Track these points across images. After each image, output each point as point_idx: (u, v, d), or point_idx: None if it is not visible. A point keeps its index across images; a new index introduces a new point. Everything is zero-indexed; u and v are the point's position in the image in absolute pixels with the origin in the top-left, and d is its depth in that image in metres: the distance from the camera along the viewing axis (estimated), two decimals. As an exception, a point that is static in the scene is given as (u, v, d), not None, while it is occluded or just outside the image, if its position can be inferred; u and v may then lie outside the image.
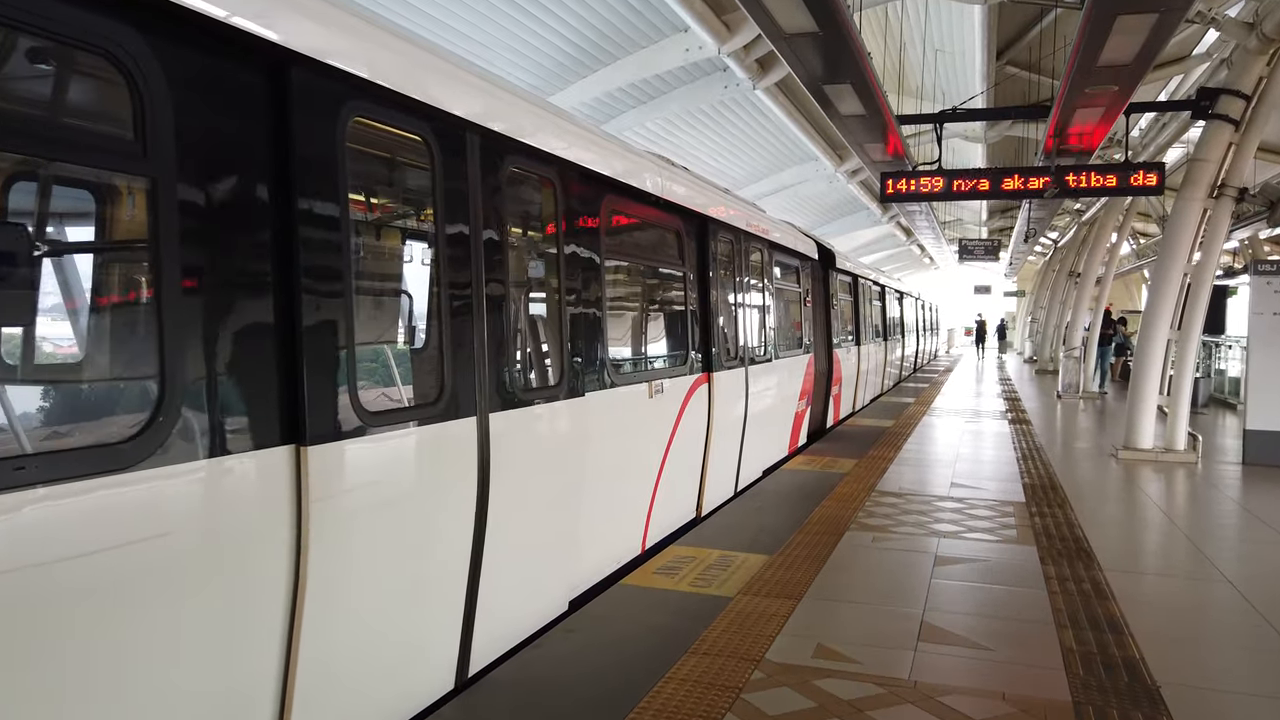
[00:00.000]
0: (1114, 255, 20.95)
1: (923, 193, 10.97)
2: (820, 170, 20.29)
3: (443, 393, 3.61)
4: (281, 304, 2.79)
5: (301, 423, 2.83)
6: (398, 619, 3.41)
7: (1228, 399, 17.44)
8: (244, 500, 2.68)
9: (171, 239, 2.41)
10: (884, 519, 6.99)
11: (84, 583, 2.20)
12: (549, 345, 4.79)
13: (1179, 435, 10.33)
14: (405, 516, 3.40)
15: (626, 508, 5.82)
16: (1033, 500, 7.82)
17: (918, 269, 52.27)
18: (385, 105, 3.32)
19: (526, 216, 4.73)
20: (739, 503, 7.64)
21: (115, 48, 2.29)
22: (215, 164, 2.58)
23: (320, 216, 2.93)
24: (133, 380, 2.70)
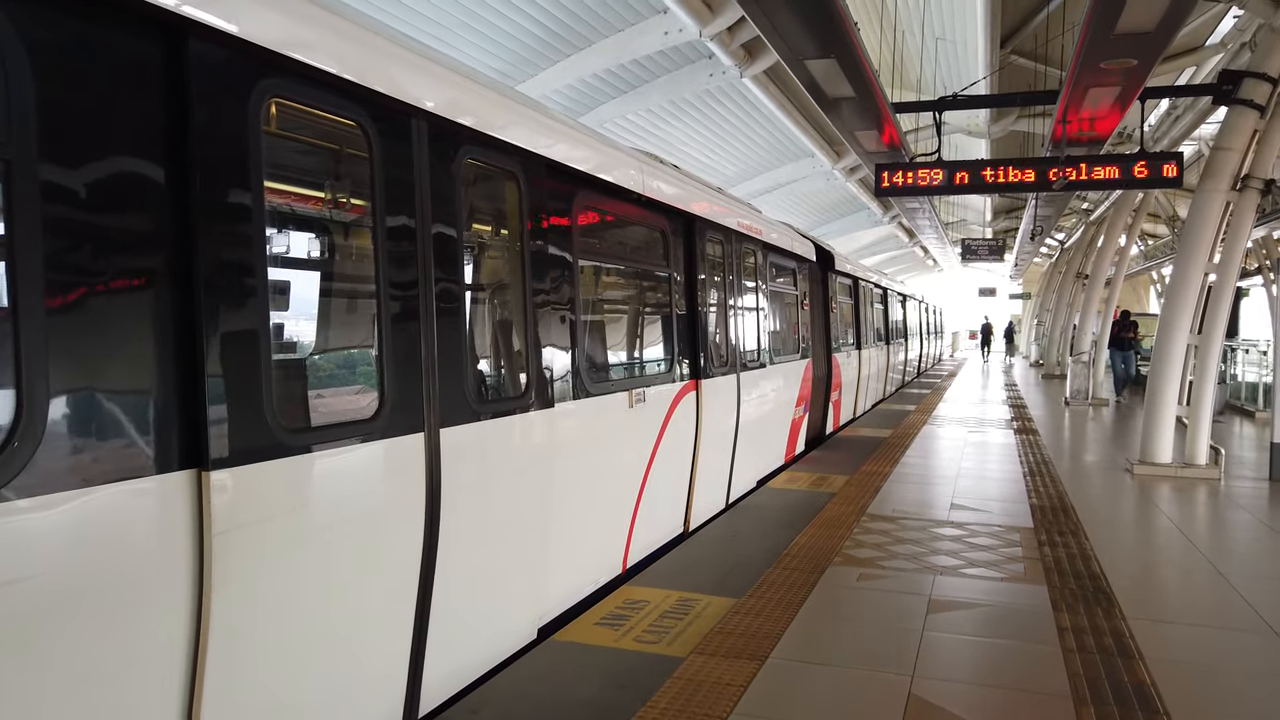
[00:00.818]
0: (1124, 256, 20.11)
1: (920, 185, 10.14)
2: (817, 167, 19.48)
3: (382, 406, 3.23)
4: (180, 306, 2.45)
5: (204, 443, 2.48)
6: (328, 664, 3.02)
7: (1245, 406, 16.60)
8: (133, 534, 2.31)
9: (32, 232, 2.09)
10: (873, 550, 6.16)
11: None
12: (513, 353, 4.43)
13: (1200, 449, 9.48)
14: (335, 547, 3.01)
15: (604, 526, 5.46)
16: (1042, 525, 6.99)
17: (921, 271, 51.40)
18: (312, 85, 2.96)
19: (485, 212, 4.39)
20: (713, 529, 6.82)
21: None
22: (91, 146, 2.24)
23: (228, 206, 2.60)
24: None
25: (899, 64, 15.24)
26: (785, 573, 5.57)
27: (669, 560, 5.87)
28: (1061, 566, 5.78)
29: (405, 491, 3.35)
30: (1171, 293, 9.65)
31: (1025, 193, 16.63)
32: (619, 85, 13.03)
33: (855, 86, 7.37)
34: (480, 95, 4.00)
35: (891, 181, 10.26)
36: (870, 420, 14.66)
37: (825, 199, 25.25)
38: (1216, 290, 9.39)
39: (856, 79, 7.20)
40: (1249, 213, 9.20)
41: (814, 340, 11.54)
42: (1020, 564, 5.84)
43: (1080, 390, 17.94)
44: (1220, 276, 9.37)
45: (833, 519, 7.10)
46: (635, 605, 4.92)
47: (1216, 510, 7.98)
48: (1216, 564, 5.99)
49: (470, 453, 3.73)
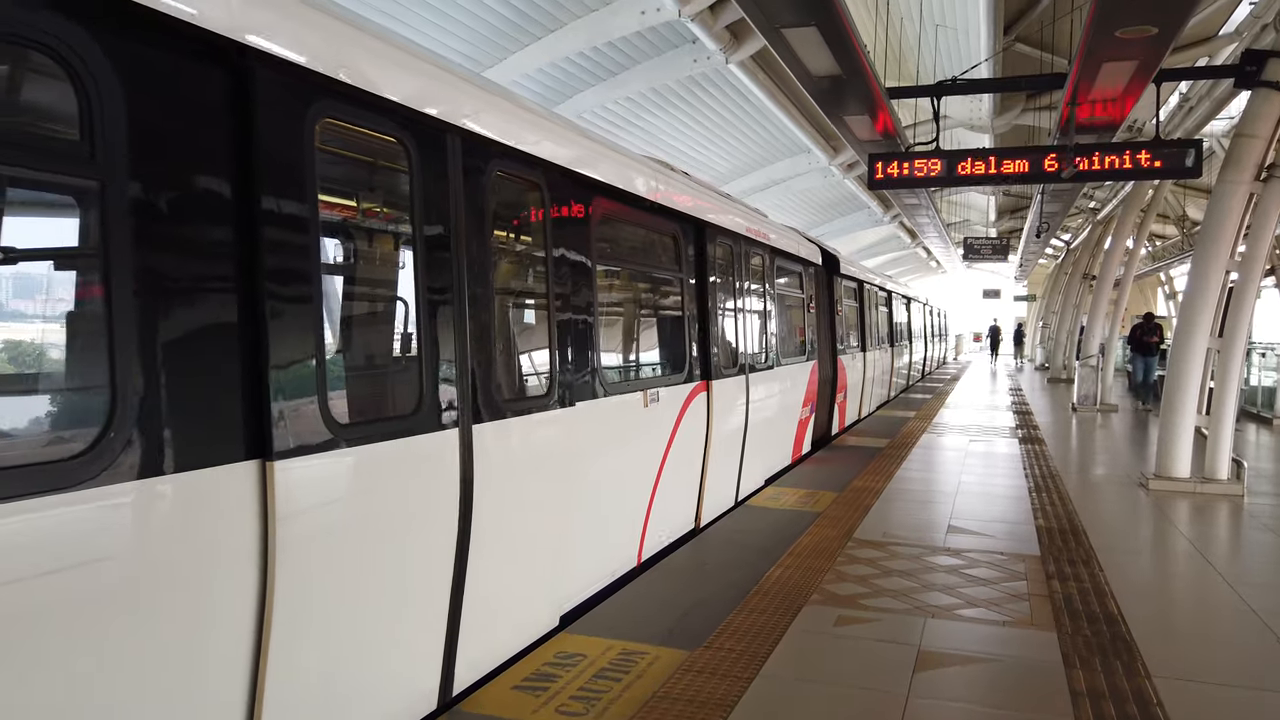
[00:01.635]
0: (1133, 257, 19.31)
1: (918, 177, 9.37)
2: (813, 163, 18.72)
3: (421, 404, 3.49)
4: (245, 309, 2.67)
5: (268, 436, 2.69)
6: (375, 641, 3.26)
7: (1260, 412, 15.80)
8: (204, 520, 2.51)
9: (123, 243, 2.31)
10: (857, 584, 5.40)
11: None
12: (536, 353, 4.71)
13: (1221, 462, 8.70)
14: (382, 534, 3.25)
15: (621, 520, 5.67)
16: (1050, 552, 6.21)
17: (924, 273, 50.60)
18: (352, 101, 3.16)
19: (511, 219, 4.63)
20: (678, 558, 6.06)
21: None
22: (170, 165, 2.48)
23: (287, 217, 2.83)
24: (81, 392, 2.55)
25: (898, 53, 14.49)
26: (752, 616, 4.80)
27: (618, 600, 5.11)
28: (1074, 606, 5.01)
29: (443, 482, 3.59)
30: (1190, 293, 8.88)
31: (1032, 184, 15.84)
32: (597, 72, 12.27)
33: (841, 61, 6.60)
34: (506, 111, 4.23)
35: (886, 173, 9.50)
36: (867, 428, 13.88)
37: (823, 197, 24.48)
38: (1239, 290, 8.62)
39: (842, 51, 6.44)
40: (1275, 205, 8.42)
41: (819, 342, 11.58)
42: (1025, 602, 5.07)
43: (1088, 395, 17.12)
44: (1243, 275, 8.60)
45: (815, 546, 6.34)
46: (568, 660, 4.15)
47: (1242, 533, 7.20)
48: (1250, 602, 5.21)
49: (498, 448, 3.97)
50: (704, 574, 5.65)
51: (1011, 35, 13.67)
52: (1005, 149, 9.18)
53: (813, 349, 11.01)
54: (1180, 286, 38.68)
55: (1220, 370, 8.72)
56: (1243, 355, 8.77)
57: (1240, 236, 8.62)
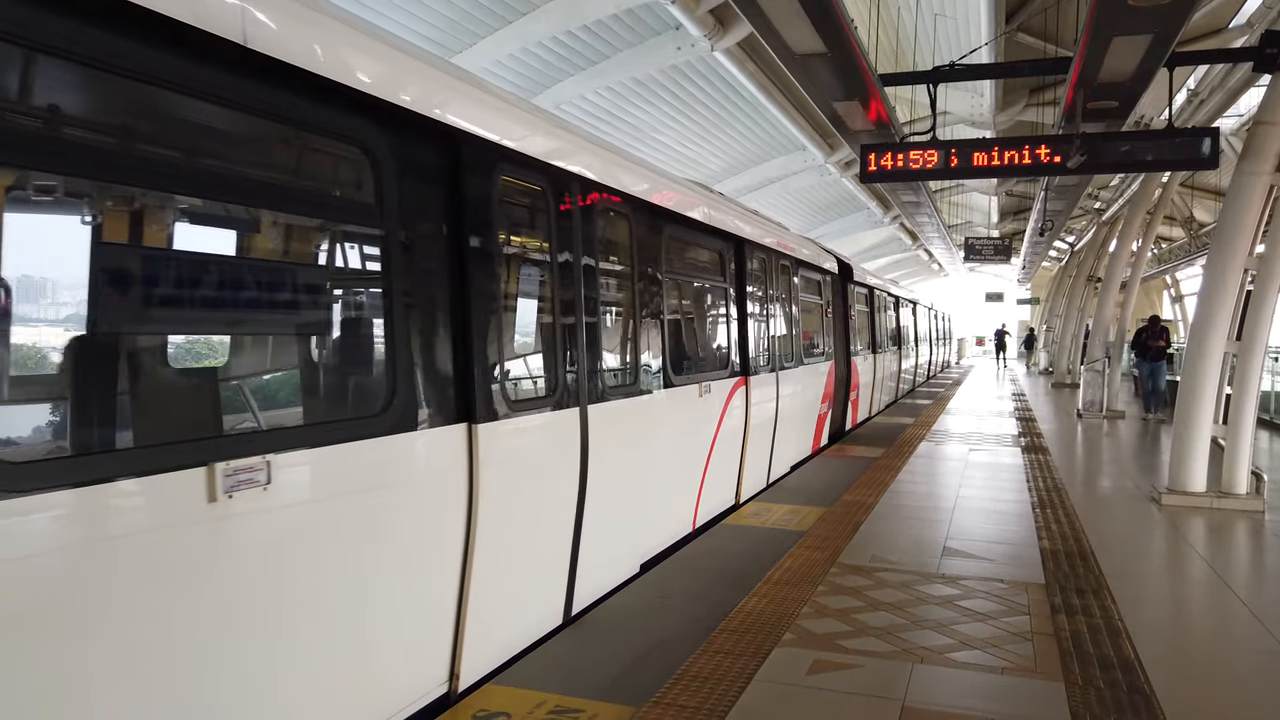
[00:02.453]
0: (1140, 258, 18.68)
1: (913, 169, 8.75)
2: (809, 160, 18.10)
3: (553, 389, 4.70)
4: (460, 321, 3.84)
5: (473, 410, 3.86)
6: (531, 563, 4.51)
7: (1275, 419, 15.16)
8: (445, 456, 3.72)
9: (397, 273, 3.53)
10: (838, 620, 4.78)
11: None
12: (627, 353, 5.94)
13: (1240, 475, 8.07)
14: (538, 470, 4.51)
15: (683, 489, 6.73)
16: (1056, 579, 5.59)
17: (926, 276, 49.93)
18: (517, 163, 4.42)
19: (607, 246, 5.61)
20: (637, 589, 5.43)
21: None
22: (421, 217, 3.68)
23: (484, 251, 4.04)
24: (383, 373, 3.54)
25: (894, 44, 13.89)
26: (714, 660, 4.18)
27: (560, 642, 4.48)
28: (1083, 647, 4.39)
29: (568, 446, 4.74)
30: (1205, 293, 8.25)
31: (1035, 176, 15.21)
32: (575, 60, 11.65)
33: (825, 37, 5.98)
34: (615, 161, 5.60)
35: (879, 165, 8.88)
36: (865, 435, 13.24)
37: (821, 197, 23.86)
38: (1259, 290, 7.99)
39: (826, 26, 5.83)
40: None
41: (836, 344, 12.51)
42: (1028, 643, 4.45)
43: (1094, 401, 16.49)
44: (1263, 273, 7.96)
45: (795, 572, 5.71)
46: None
47: (1266, 556, 6.58)
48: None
49: (604, 423, 5.08)
50: (665, 608, 5.02)
51: (1014, 24, 13.04)
52: (1005, 138, 8.58)
53: (830, 350, 12.04)
54: (1187, 290, 38.04)
55: (1239, 376, 8.09)
56: (1263, 361, 8.14)
57: (1260, 232, 8.00)
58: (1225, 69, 13.36)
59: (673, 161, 17.43)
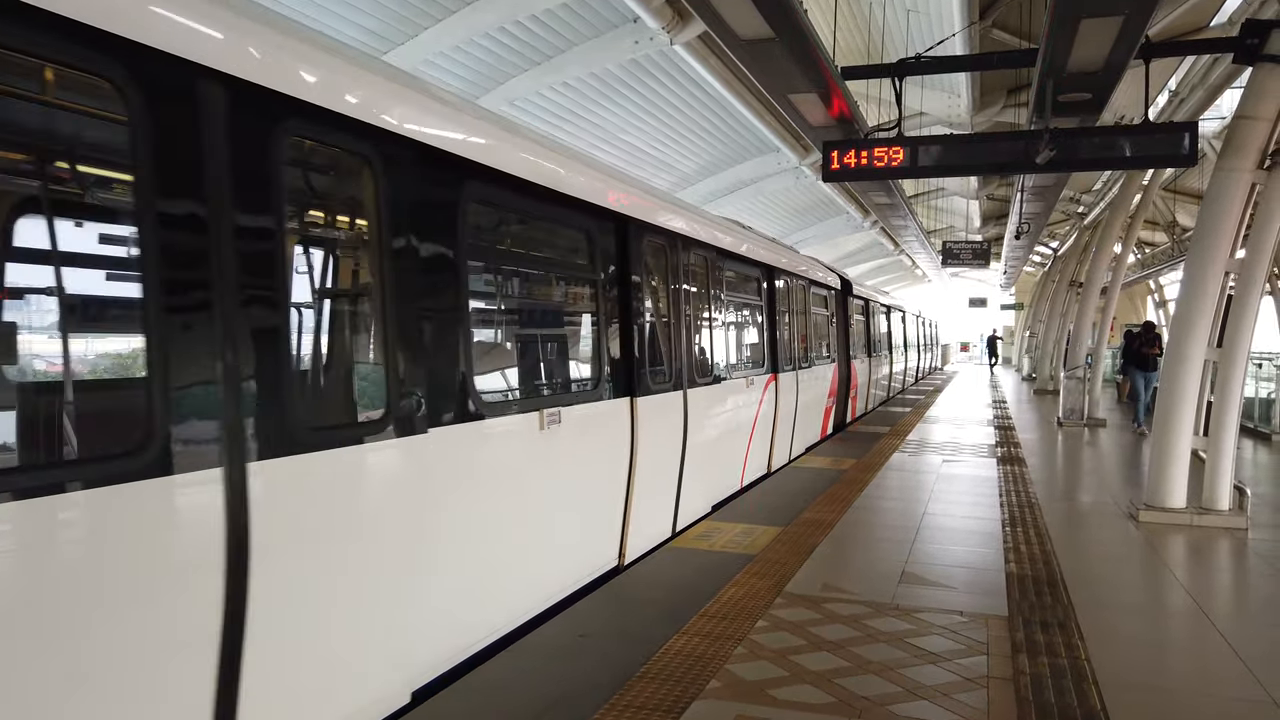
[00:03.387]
0: (1121, 263, 18.29)
1: (877, 167, 8.27)
2: (783, 162, 17.64)
3: (670, 376, 6.93)
4: (629, 331, 6.37)
5: (634, 388, 6.14)
6: (663, 487, 6.95)
7: (1258, 427, 14.75)
8: (620, 421, 6.01)
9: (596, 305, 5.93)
10: (774, 662, 4.26)
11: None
12: (700, 352, 7.87)
13: (1221, 490, 7.61)
14: (662, 425, 6.89)
15: (729, 460, 8.70)
16: (1021, 611, 5.10)
17: (910, 281, 49.62)
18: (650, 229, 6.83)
19: (699, 277, 8.02)
20: (554, 628, 4.89)
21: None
22: (613, 266, 6.14)
23: (623, 283, 6.33)
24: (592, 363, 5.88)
25: (868, 41, 13.46)
26: (624, 715, 3.66)
27: (451, 696, 3.94)
28: (1044, 696, 3.88)
29: (677, 415, 7.10)
30: (1185, 298, 7.80)
31: (1004, 174, 14.79)
32: (529, 54, 11.14)
33: (771, 20, 5.48)
34: (705, 221, 8.09)
35: (843, 162, 8.40)
36: (833, 447, 12.75)
37: (798, 201, 23.41)
38: (1240, 294, 7.54)
39: (770, 7, 5.32)
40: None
41: (838, 349, 14.63)
42: (983, 690, 3.94)
43: (1074, 409, 16.07)
44: (1245, 276, 7.52)
45: (735, 603, 5.20)
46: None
47: (1250, 582, 6.11)
48: (1270, 690, 4.09)
49: (695, 401, 7.39)
50: (582, 649, 4.49)
51: (988, 20, 12.64)
52: (973, 134, 8.11)
53: (834, 354, 14.15)
54: (1171, 295, 37.79)
55: (1220, 385, 7.64)
56: (1245, 369, 7.69)
57: (1241, 232, 7.56)
58: (1205, 67, 12.96)
59: (643, 165, 16.92)
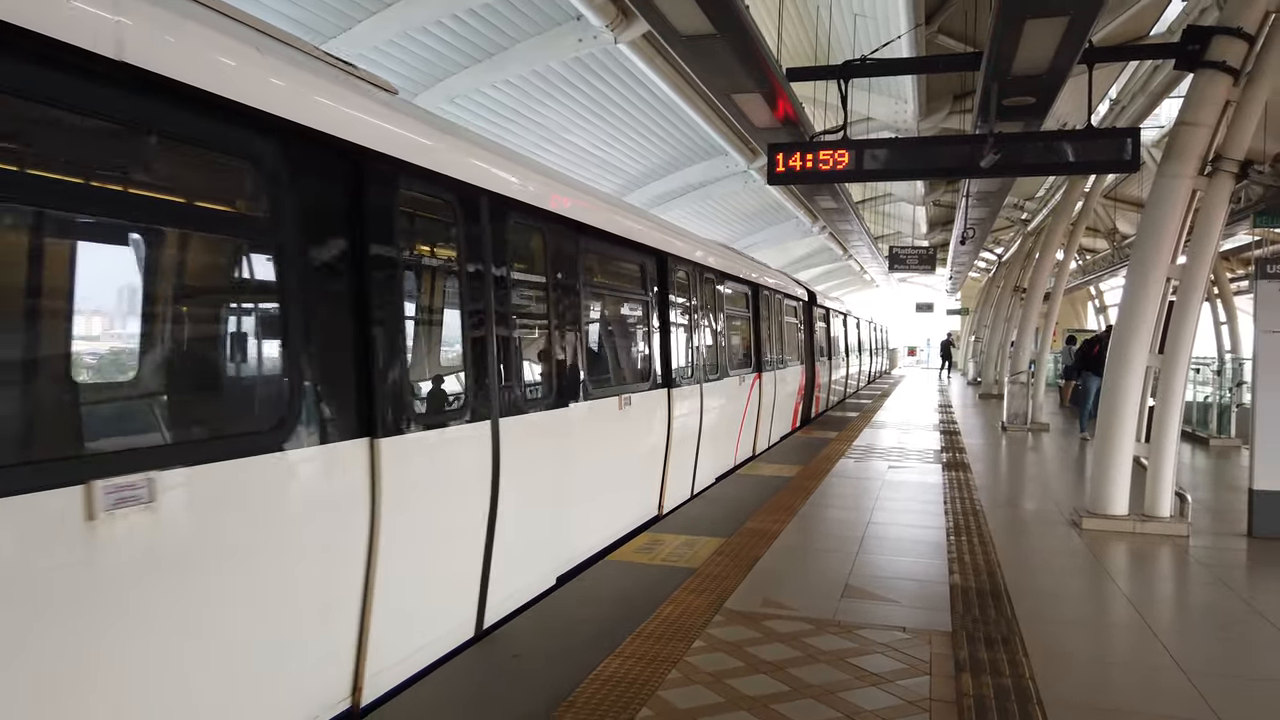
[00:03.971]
0: (1063, 269, 18.52)
1: (823, 170, 8.13)
2: (731, 166, 17.53)
3: (693, 370, 9.05)
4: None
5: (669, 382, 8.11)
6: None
7: (1197, 431, 14.97)
8: (659, 404, 7.90)
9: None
10: (709, 687, 4.04)
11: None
12: (714, 355, 9.90)
13: (1163, 498, 7.59)
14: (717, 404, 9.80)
15: (728, 440, 10.57)
16: (965, 625, 4.95)
17: (859, 286, 50.04)
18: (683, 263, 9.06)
19: (728, 302, 10.78)
20: (485, 649, 4.62)
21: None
22: (673, 295, 8.58)
23: (687, 311, 9.07)
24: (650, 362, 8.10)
25: (815, 44, 13.37)
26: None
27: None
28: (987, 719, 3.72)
29: (694, 405, 9.00)
30: (1127, 303, 7.78)
31: (949, 177, 14.86)
32: (470, 51, 10.84)
33: (712, 15, 5.28)
34: (697, 245, 9.59)
35: (788, 165, 8.24)
36: (781, 452, 12.62)
37: (747, 205, 23.35)
38: (1182, 299, 7.54)
39: (711, 1, 5.12)
40: (1221, 203, 7.37)
41: (805, 353, 16.58)
42: (925, 715, 3.77)
43: (1018, 414, 16.17)
44: (1186, 282, 7.52)
45: (672, 622, 4.97)
46: None
47: (1190, 591, 6.06)
48: (1211, 702, 3.98)
49: (709, 392, 9.39)
50: (515, 674, 4.23)
51: (934, 25, 12.64)
52: (919, 138, 8.01)
53: (801, 357, 16.09)
54: (1112, 301, 38.53)
55: (1162, 391, 7.62)
56: (1186, 375, 7.69)
57: (1183, 238, 7.56)
58: (1146, 75, 13.12)
59: (588, 166, 16.69)
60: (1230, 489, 9.80)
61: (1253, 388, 7.79)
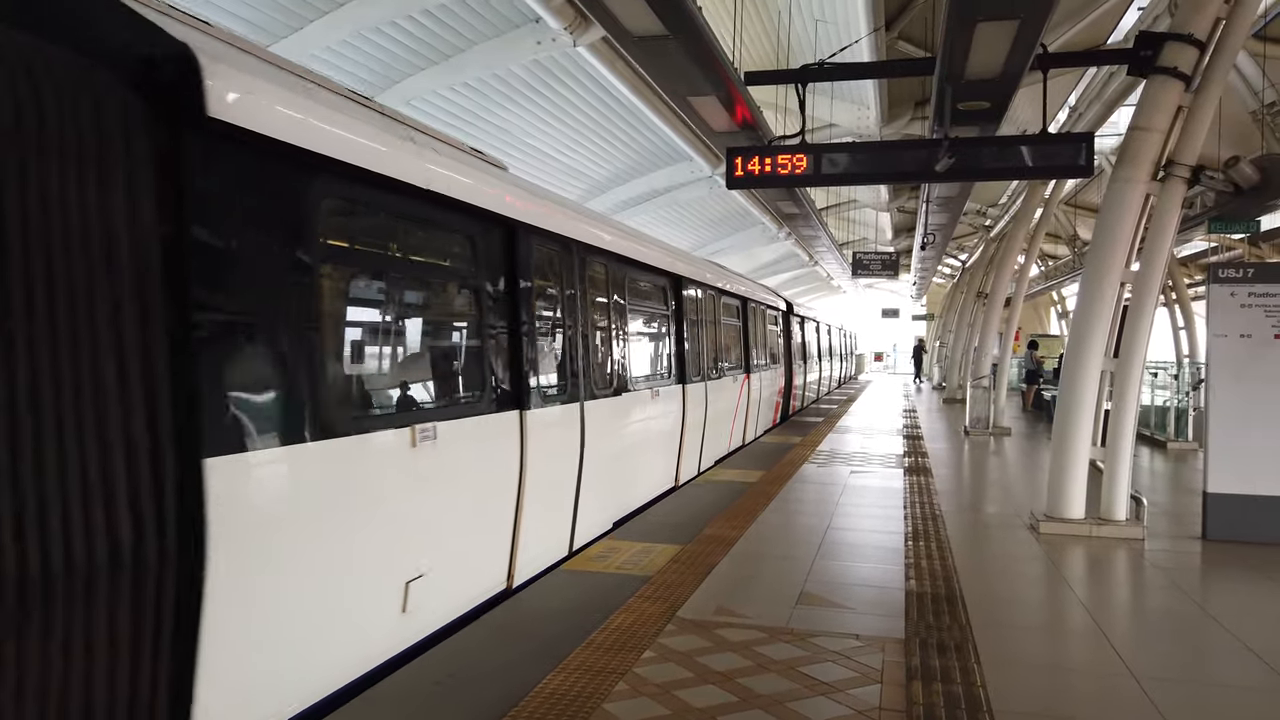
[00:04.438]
0: (1024, 274, 18.71)
1: (781, 175, 8.09)
2: (696, 172, 17.50)
3: (699, 370, 10.97)
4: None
5: (684, 378, 10.07)
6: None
7: (1154, 435, 15.15)
8: (676, 396, 9.72)
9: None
10: (657, 699, 3.95)
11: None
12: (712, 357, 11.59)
13: (1119, 501, 7.62)
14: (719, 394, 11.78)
15: (726, 432, 12.36)
16: (918, 632, 4.90)
17: (827, 292, 50.29)
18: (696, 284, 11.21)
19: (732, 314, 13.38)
20: (422, 665, 4.49)
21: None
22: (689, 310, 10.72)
23: (691, 315, 10.79)
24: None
25: (777, 47, 13.38)
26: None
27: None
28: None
29: (700, 396, 10.61)
30: (1082, 308, 7.81)
31: (906, 182, 15.03)
32: (426, 53, 10.70)
33: (663, 15, 5.21)
34: (694, 264, 11.36)
35: (747, 169, 8.19)
36: (742, 459, 12.58)
37: (713, 211, 23.36)
38: (1136, 303, 7.58)
39: (661, 1, 5.05)
40: (1174, 207, 7.42)
41: (784, 357, 18.21)
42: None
43: (980, 418, 16.28)
44: (1140, 286, 7.56)
45: (623, 632, 4.87)
46: None
47: (1144, 595, 6.06)
48: (1162, 708, 3.95)
49: (710, 389, 11.01)
50: (446, 694, 4.10)
51: (894, 32, 12.69)
52: (876, 142, 8.00)
53: (780, 361, 17.71)
54: (1074, 306, 38.99)
55: (1117, 395, 7.66)
56: (1140, 379, 7.73)
57: (1137, 243, 7.60)
58: (1102, 82, 13.26)
59: (552, 171, 16.59)
60: (1187, 492, 9.88)
61: (1205, 391, 7.84)
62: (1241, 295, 7.57)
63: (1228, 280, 7.57)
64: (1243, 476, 7.45)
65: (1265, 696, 4.20)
